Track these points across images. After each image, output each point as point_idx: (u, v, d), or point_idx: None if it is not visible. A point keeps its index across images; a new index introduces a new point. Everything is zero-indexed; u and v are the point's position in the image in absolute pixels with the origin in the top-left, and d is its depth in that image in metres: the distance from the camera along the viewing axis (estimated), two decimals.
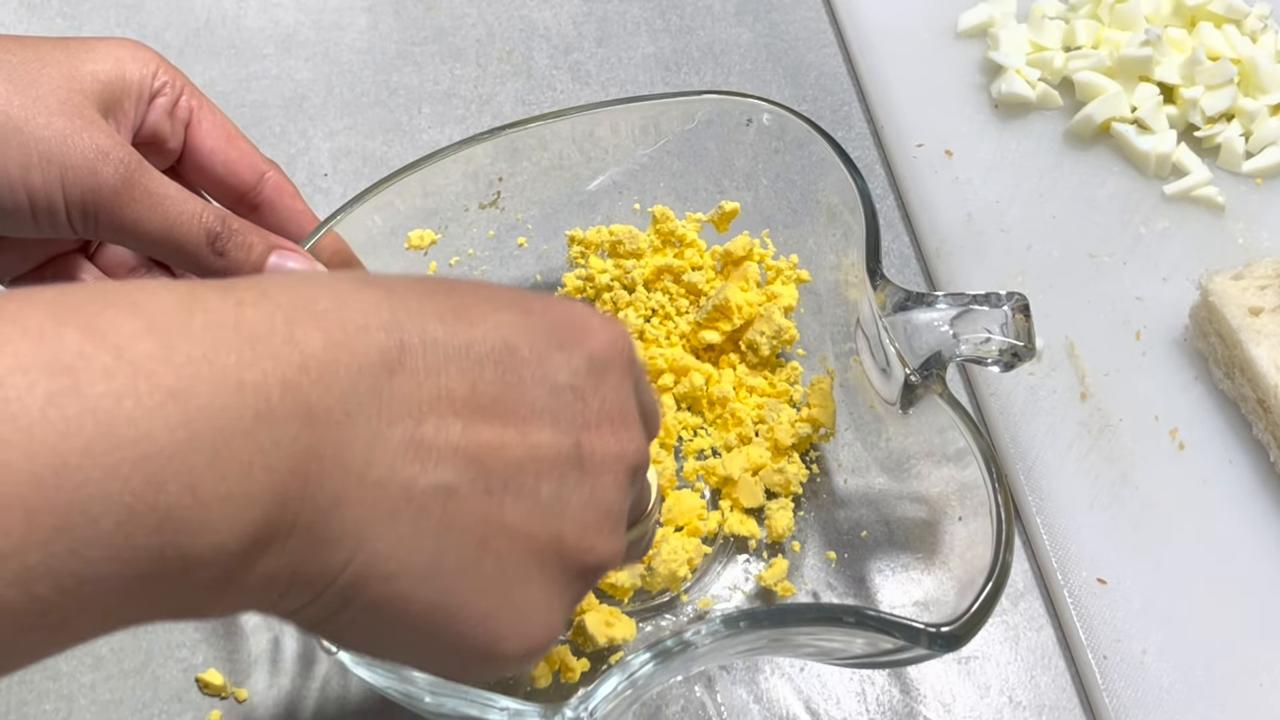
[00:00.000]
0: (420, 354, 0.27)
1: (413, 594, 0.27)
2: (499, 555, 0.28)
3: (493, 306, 0.30)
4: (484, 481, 0.28)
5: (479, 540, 0.28)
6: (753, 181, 0.56)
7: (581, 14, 0.75)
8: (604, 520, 0.31)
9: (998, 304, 0.45)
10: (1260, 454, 0.55)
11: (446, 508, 0.27)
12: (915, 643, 0.37)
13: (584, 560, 0.30)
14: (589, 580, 0.31)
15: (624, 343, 0.32)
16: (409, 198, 0.52)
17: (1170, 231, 0.63)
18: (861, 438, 0.52)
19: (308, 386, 0.25)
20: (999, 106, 0.68)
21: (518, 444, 0.29)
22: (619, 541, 0.31)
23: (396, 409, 0.27)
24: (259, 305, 0.25)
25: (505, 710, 0.37)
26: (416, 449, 0.27)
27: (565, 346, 0.30)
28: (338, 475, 0.26)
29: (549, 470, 0.29)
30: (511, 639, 0.29)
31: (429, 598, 0.28)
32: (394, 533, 0.27)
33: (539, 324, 0.30)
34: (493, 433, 0.28)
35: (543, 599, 0.30)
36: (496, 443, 0.28)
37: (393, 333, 0.27)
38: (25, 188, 0.41)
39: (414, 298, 0.29)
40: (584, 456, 0.30)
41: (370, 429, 0.26)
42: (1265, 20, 0.68)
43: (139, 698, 0.49)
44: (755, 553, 0.52)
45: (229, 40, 0.72)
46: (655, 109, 0.54)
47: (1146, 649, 0.50)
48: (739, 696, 0.49)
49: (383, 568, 0.27)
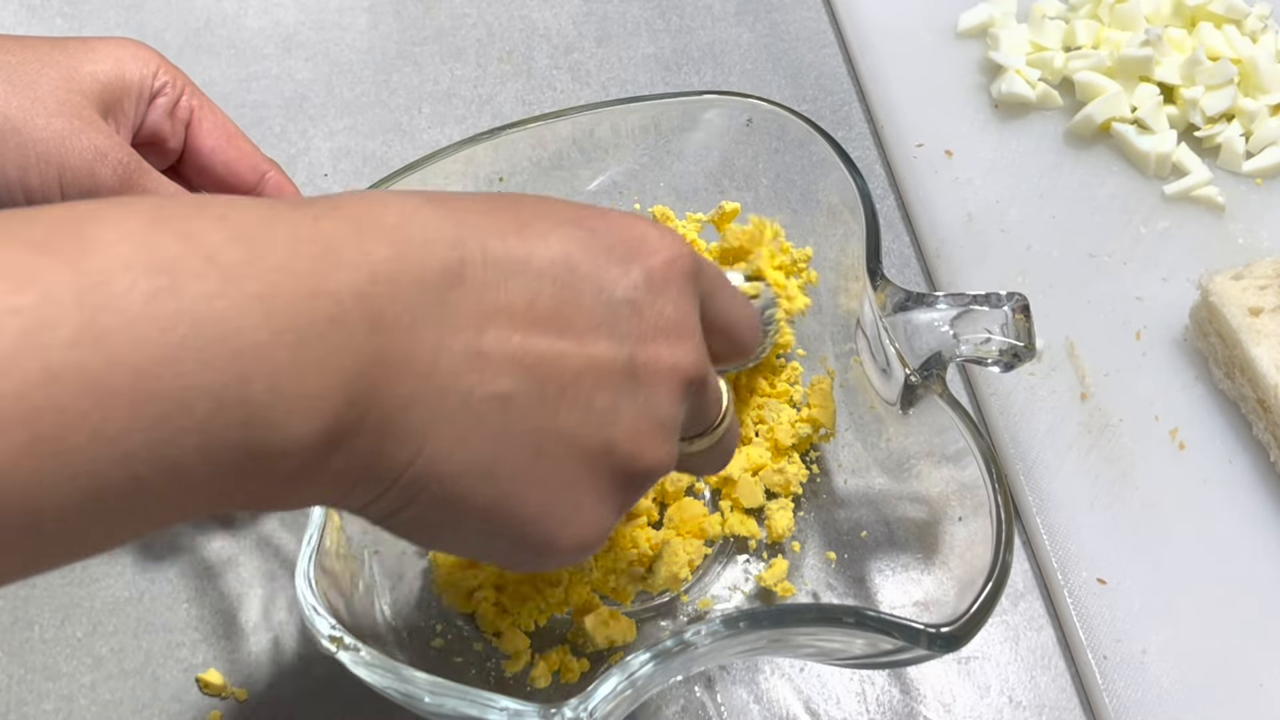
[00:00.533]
0: (481, 268, 0.29)
1: (472, 493, 0.29)
2: (553, 460, 0.30)
3: (554, 223, 0.31)
4: (539, 390, 0.30)
5: (535, 445, 0.30)
6: (753, 181, 0.55)
7: (581, 14, 0.75)
8: (655, 430, 0.32)
9: (998, 304, 0.45)
10: (1260, 454, 0.55)
11: (504, 414, 0.29)
12: (915, 643, 0.37)
13: (634, 466, 0.32)
14: (639, 486, 0.33)
15: (684, 258, 0.33)
16: None
17: (1170, 231, 0.63)
18: (861, 438, 0.52)
19: (376, 295, 0.27)
20: (999, 106, 0.68)
21: (573, 355, 0.30)
22: (669, 450, 0.33)
23: (458, 320, 0.28)
24: (333, 218, 0.27)
25: (505, 710, 0.37)
26: (476, 358, 0.29)
27: (624, 261, 0.31)
28: (403, 379, 0.27)
29: (603, 380, 0.30)
30: (563, 536, 0.32)
31: (487, 496, 0.30)
32: (454, 436, 0.28)
33: (599, 240, 0.31)
34: (549, 344, 0.30)
35: (593, 501, 0.32)
36: (553, 354, 0.30)
37: (455, 248, 0.29)
38: (23, 189, 0.41)
39: (478, 215, 0.30)
40: (638, 368, 0.31)
41: (434, 337, 0.28)
42: (1265, 20, 0.68)
43: (139, 698, 0.49)
44: (755, 553, 0.52)
45: (229, 40, 0.72)
46: (655, 109, 0.54)
47: (1146, 649, 0.50)
48: (739, 696, 0.49)
49: (443, 467, 0.29)
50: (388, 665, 0.38)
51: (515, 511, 0.30)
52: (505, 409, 0.29)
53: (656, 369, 0.32)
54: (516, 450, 0.30)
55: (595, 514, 0.32)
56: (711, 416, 0.37)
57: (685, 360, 0.32)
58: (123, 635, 0.50)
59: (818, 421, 0.53)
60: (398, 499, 0.29)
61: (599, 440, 0.31)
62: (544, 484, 0.31)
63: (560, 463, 0.31)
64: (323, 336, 0.26)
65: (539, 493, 0.31)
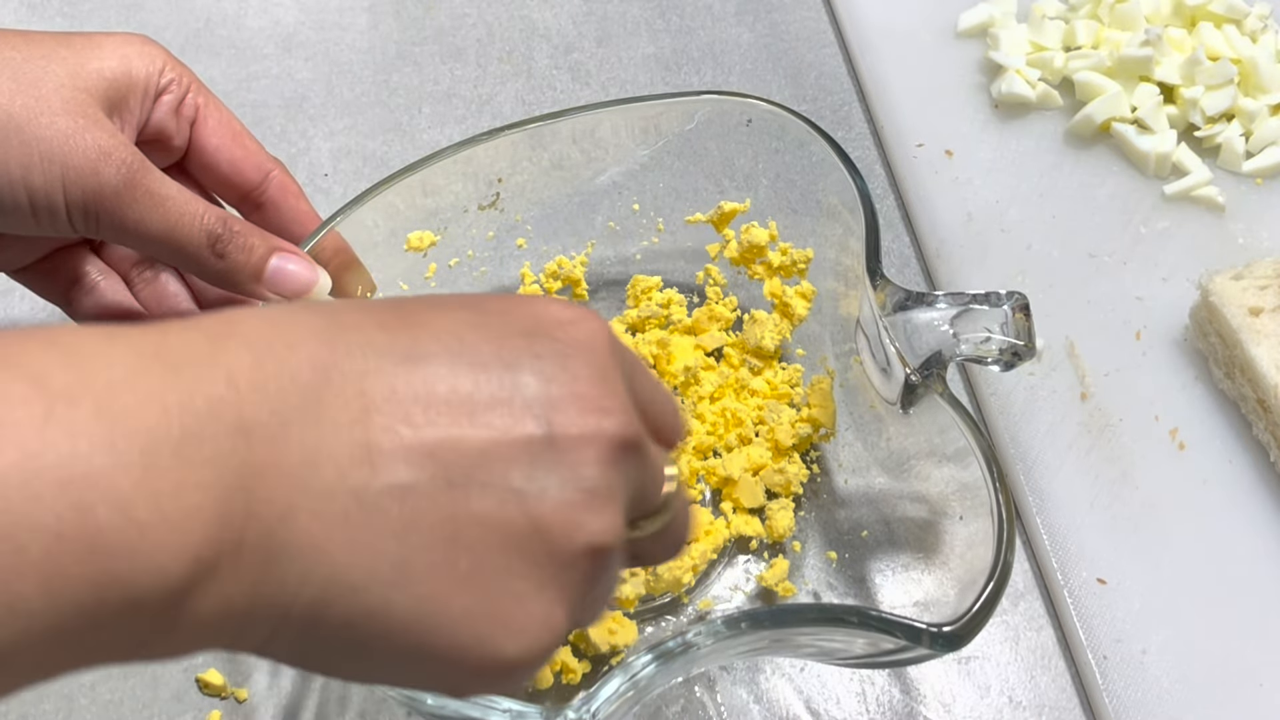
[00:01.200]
0: (360, 358, 0.26)
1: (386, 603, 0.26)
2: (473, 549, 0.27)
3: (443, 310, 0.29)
4: (445, 475, 0.26)
5: (448, 537, 0.26)
6: (753, 181, 0.55)
7: (581, 14, 0.75)
8: (589, 498, 0.28)
9: (998, 303, 0.45)
10: (1260, 454, 0.55)
11: (404, 507, 0.26)
12: (916, 643, 0.37)
13: (573, 542, 0.28)
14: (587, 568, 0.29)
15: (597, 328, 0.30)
16: (409, 198, 0.51)
17: (1170, 231, 0.63)
18: (862, 438, 0.52)
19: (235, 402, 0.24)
20: (999, 106, 0.68)
21: (476, 435, 0.27)
22: (611, 520, 0.29)
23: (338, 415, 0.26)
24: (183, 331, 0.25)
25: (507, 712, 0.37)
26: (365, 451, 0.26)
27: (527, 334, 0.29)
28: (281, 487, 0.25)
29: (518, 455, 0.27)
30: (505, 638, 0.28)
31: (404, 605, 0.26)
32: (351, 540, 0.25)
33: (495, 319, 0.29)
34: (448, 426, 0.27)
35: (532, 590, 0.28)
36: (453, 435, 0.27)
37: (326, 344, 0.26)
38: (26, 187, 0.41)
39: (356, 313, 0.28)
40: (556, 436, 0.28)
41: (311, 436, 0.25)
42: (1265, 20, 0.68)
43: (139, 698, 0.49)
44: (756, 553, 0.52)
45: (229, 40, 0.72)
46: (655, 109, 0.54)
47: (1146, 649, 0.50)
48: (739, 697, 0.49)
49: (346, 579, 0.25)
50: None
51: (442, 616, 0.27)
52: (407, 501, 0.26)
53: (580, 435, 0.28)
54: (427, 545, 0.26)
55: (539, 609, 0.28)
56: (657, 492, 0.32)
57: (608, 422, 0.29)
58: None
59: (818, 421, 0.53)
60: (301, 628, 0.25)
61: (524, 519, 0.27)
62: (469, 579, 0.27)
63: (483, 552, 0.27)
64: (176, 452, 0.23)
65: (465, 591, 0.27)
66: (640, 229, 0.58)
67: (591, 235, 0.57)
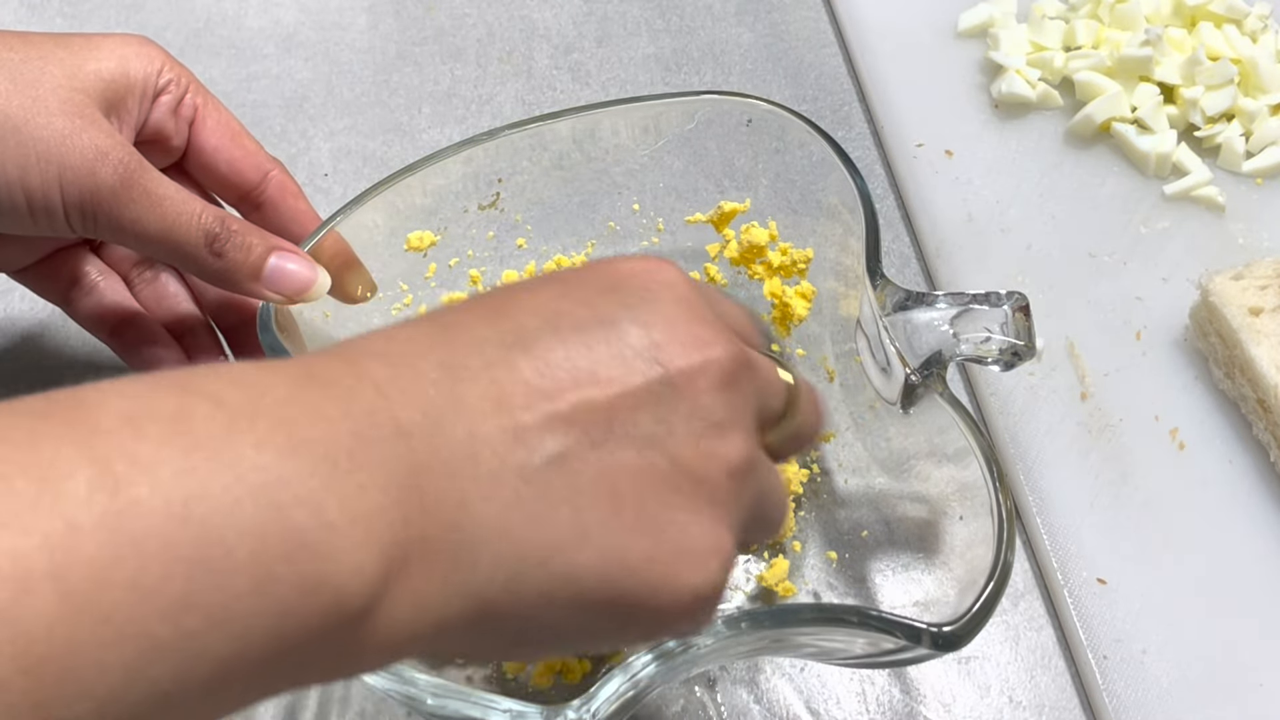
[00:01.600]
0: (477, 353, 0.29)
1: (574, 565, 0.28)
2: (632, 497, 0.29)
3: (529, 292, 0.31)
4: (587, 437, 0.28)
5: (609, 491, 0.29)
6: (753, 181, 0.55)
7: (581, 14, 0.75)
8: (715, 427, 0.30)
9: (998, 303, 0.45)
10: (1260, 454, 0.55)
11: (565, 474, 0.28)
12: (917, 643, 0.37)
13: (714, 467, 0.30)
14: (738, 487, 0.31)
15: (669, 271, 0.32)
16: (409, 198, 0.51)
17: (1170, 231, 0.63)
18: (862, 438, 0.52)
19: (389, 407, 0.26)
20: (999, 106, 0.68)
21: (599, 393, 0.29)
22: (741, 440, 0.31)
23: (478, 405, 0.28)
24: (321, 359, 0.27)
25: (508, 712, 0.37)
26: (514, 433, 0.28)
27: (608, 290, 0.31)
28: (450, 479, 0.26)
29: (640, 402, 0.29)
30: (686, 569, 0.29)
31: (591, 562, 0.28)
32: (530, 516, 0.27)
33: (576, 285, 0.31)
34: (575, 392, 0.29)
35: (695, 520, 0.30)
36: (582, 399, 0.29)
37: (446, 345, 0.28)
38: (23, 188, 0.41)
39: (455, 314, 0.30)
40: (669, 376, 0.30)
41: (463, 429, 0.27)
42: (1265, 20, 0.68)
43: None
44: (755, 553, 0.52)
45: (229, 40, 0.72)
46: (655, 109, 0.54)
47: (1146, 649, 0.50)
48: (740, 697, 0.49)
49: (535, 553, 0.27)
50: (390, 668, 0.38)
51: (626, 563, 0.29)
52: (565, 468, 0.28)
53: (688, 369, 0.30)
54: (594, 503, 0.28)
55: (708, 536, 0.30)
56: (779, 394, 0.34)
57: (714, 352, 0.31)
58: None
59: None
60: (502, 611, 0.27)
61: (665, 458, 0.30)
62: (638, 524, 0.29)
63: (641, 497, 0.29)
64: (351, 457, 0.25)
65: (639, 536, 0.29)
66: (640, 229, 0.58)
67: (591, 235, 0.57)
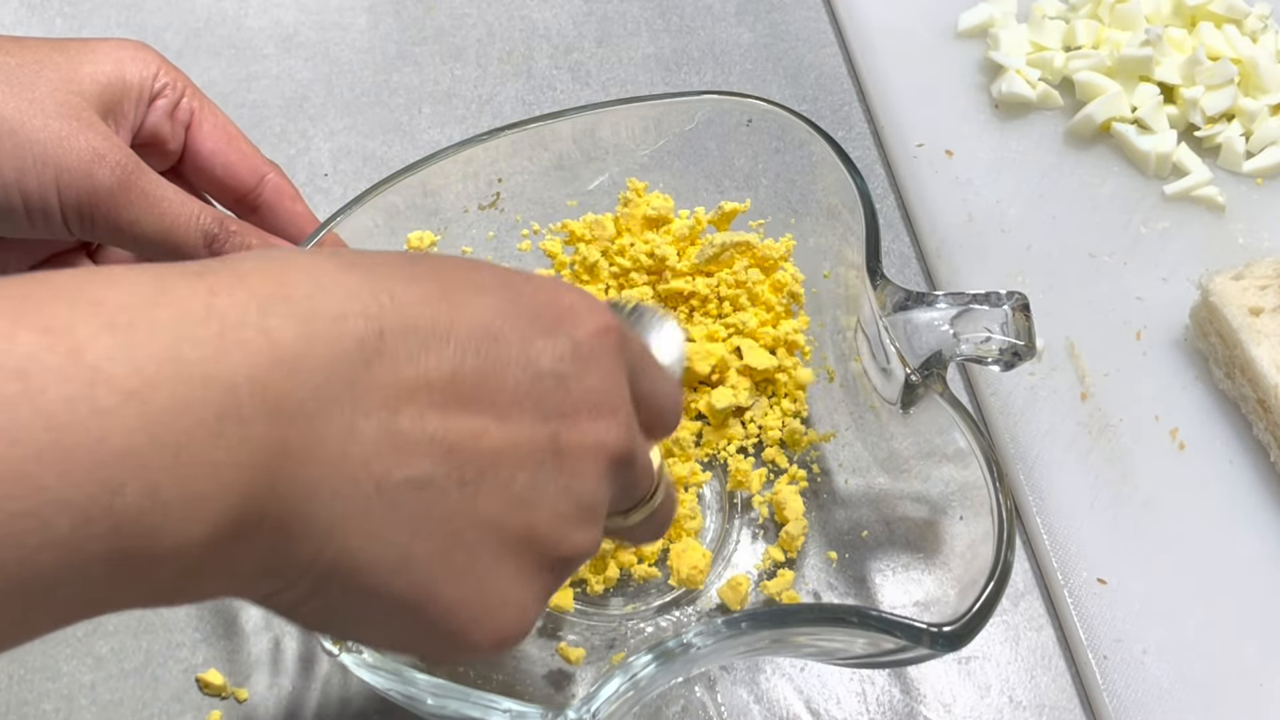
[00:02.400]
0: (400, 341, 0.27)
1: (384, 585, 0.27)
2: (470, 546, 0.28)
3: (476, 290, 0.29)
4: (458, 473, 0.28)
5: (451, 532, 0.28)
6: (753, 181, 0.55)
7: (581, 14, 0.75)
8: (579, 512, 0.30)
9: (998, 303, 0.45)
10: (1260, 454, 0.55)
11: (419, 500, 0.27)
12: (917, 643, 0.37)
13: (558, 551, 0.30)
14: (562, 571, 0.31)
15: (613, 329, 0.31)
16: (409, 198, 0.51)
17: (1170, 231, 0.63)
18: (862, 437, 0.52)
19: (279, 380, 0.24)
20: (999, 106, 0.68)
21: (495, 434, 0.28)
22: (593, 535, 0.31)
23: (372, 400, 0.26)
24: (232, 293, 0.25)
25: (508, 712, 0.37)
26: (392, 441, 0.26)
27: (550, 332, 0.30)
28: (309, 469, 0.25)
29: (525, 461, 0.29)
30: (484, 628, 0.29)
31: (399, 588, 0.28)
32: (365, 526, 0.26)
33: (524, 309, 0.30)
34: (470, 423, 0.28)
35: (513, 589, 0.30)
36: (474, 433, 0.28)
37: (372, 320, 0.26)
38: (20, 190, 0.41)
39: (399, 282, 0.28)
40: (561, 447, 0.29)
41: (344, 421, 0.26)
42: (1265, 20, 0.68)
43: (139, 698, 0.49)
44: (762, 526, 0.52)
45: (229, 40, 0.72)
46: (655, 109, 0.54)
47: (1146, 649, 0.50)
48: (740, 697, 0.49)
49: (353, 561, 0.27)
50: (390, 667, 0.38)
51: (432, 603, 0.28)
52: (421, 494, 0.27)
53: (581, 448, 0.30)
54: (432, 539, 0.28)
55: (517, 603, 0.30)
56: (643, 489, 0.35)
57: (610, 437, 0.30)
58: (123, 635, 0.50)
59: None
60: (304, 592, 0.27)
61: (520, 524, 0.29)
62: (461, 572, 0.28)
63: (478, 549, 0.29)
64: (213, 432, 0.23)
65: (456, 582, 0.28)
66: None
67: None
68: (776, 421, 0.54)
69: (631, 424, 0.32)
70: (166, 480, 0.23)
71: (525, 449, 0.29)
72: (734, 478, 0.52)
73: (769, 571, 0.51)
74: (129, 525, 0.22)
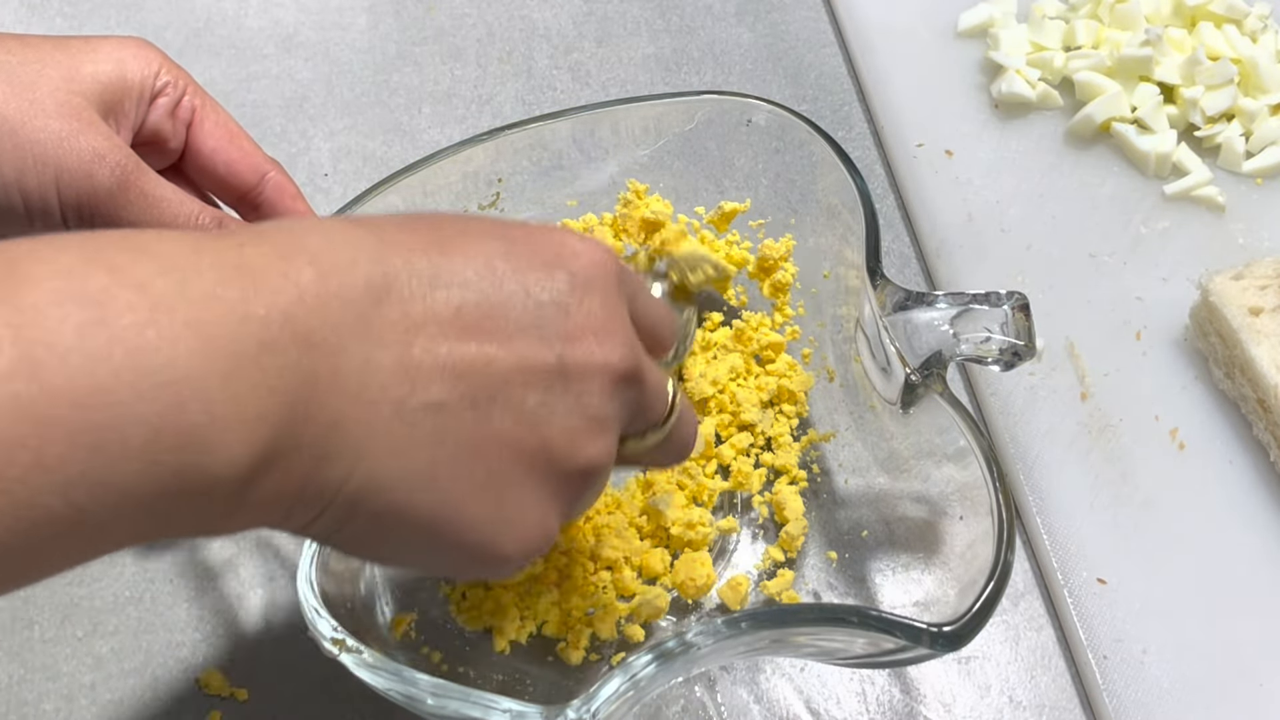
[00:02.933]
0: (406, 282, 0.30)
1: (411, 502, 0.30)
2: (491, 463, 0.31)
3: (475, 236, 0.32)
4: (471, 396, 0.30)
5: (471, 450, 0.30)
6: (753, 181, 0.56)
7: (581, 14, 0.75)
8: (589, 425, 0.32)
9: (998, 303, 0.45)
10: (1260, 454, 0.55)
11: (437, 422, 0.30)
12: (917, 642, 0.37)
13: (573, 462, 0.32)
14: (579, 484, 0.33)
15: (608, 260, 0.33)
16: (409, 198, 0.52)
17: (1170, 231, 0.63)
18: (862, 437, 0.52)
19: (304, 316, 0.27)
20: (999, 106, 0.68)
21: (502, 358, 0.30)
22: (605, 446, 0.33)
23: (386, 334, 0.29)
24: (256, 245, 0.28)
25: (508, 712, 0.37)
26: (405, 370, 0.29)
27: (548, 266, 0.32)
28: (335, 397, 0.28)
29: (534, 380, 0.31)
30: (508, 539, 0.32)
31: (427, 505, 0.30)
32: (388, 448, 0.29)
33: (521, 249, 0.32)
34: (478, 350, 0.30)
35: (534, 501, 0.32)
36: (482, 359, 0.30)
37: (379, 263, 0.29)
38: (20, 190, 0.41)
39: (401, 233, 0.31)
40: (567, 366, 0.31)
41: (362, 353, 0.28)
42: (1265, 20, 0.68)
43: (139, 698, 0.49)
44: (762, 527, 0.52)
45: (229, 40, 0.72)
46: (655, 109, 0.54)
47: (1146, 649, 0.50)
48: (740, 697, 0.49)
49: (381, 480, 0.29)
50: (390, 667, 0.38)
51: (457, 518, 0.31)
52: (438, 417, 0.30)
53: (587, 366, 0.32)
54: (453, 457, 0.30)
55: (538, 515, 0.32)
56: (658, 410, 0.36)
57: (615, 355, 0.32)
58: (123, 635, 0.50)
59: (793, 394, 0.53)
60: (338, 515, 0.29)
61: (534, 440, 0.31)
62: (484, 488, 0.31)
63: (498, 465, 0.31)
64: (255, 361, 0.26)
65: (479, 497, 0.31)
66: None
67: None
68: (785, 429, 0.54)
69: (633, 344, 0.34)
70: (220, 401, 0.26)
71: (533, 370, 0.31)
72: (734, 478, 0.52)
73: (769, 571, 0.51)
74: (193, 441, 0.25)
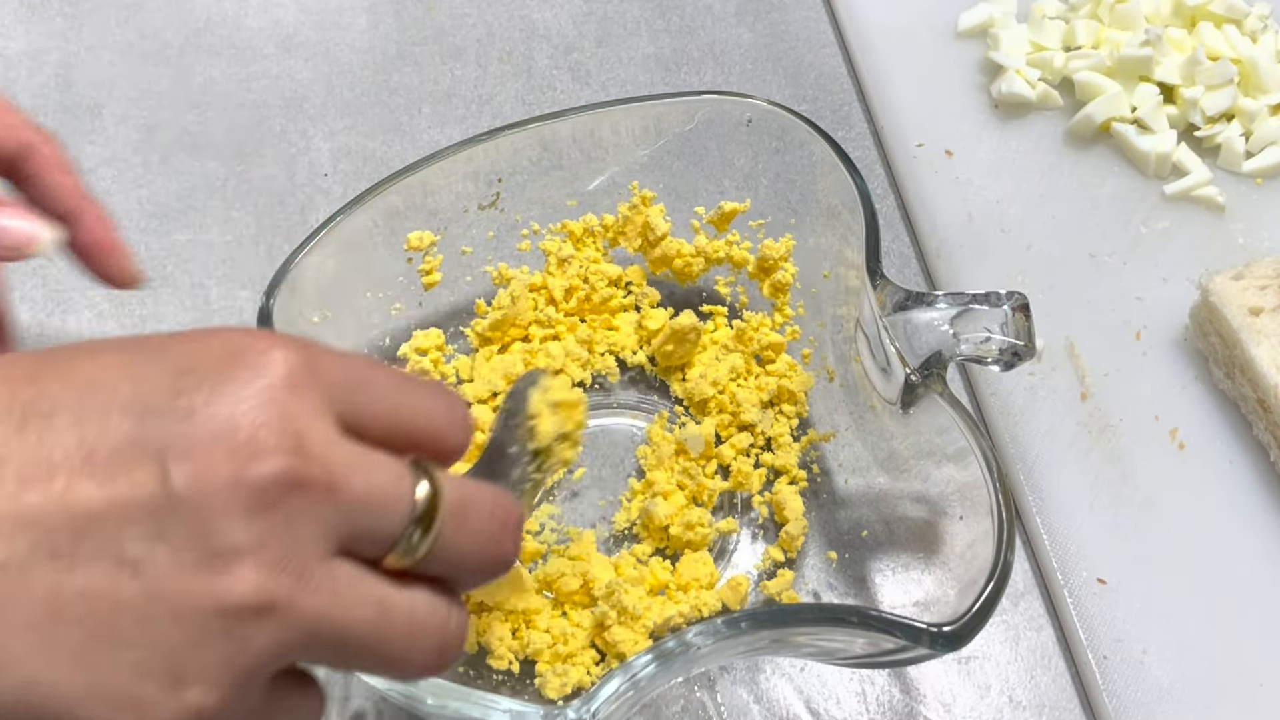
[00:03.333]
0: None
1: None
2: (82, 625, 0.25)
3: (93, 354, 0.27)
4: (47, 545, 0.25)
5: (50, 614, 0.25)
6: (753, 181, 0.56)
7: (581, 14, 0.75)
8: (212, 556, 0.26)
9: (998, 303, 0.45)
10: (1260, 454, 0.55)
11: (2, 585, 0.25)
12: (917, 642, 0.37)
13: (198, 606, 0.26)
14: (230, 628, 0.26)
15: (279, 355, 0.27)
16: (409, 198, 0.52)
17: (1170, 231, 0.63)
18: (862, 437, 0.52)
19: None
20: (999, 106, 0.68)
21: (90, 493, 0.25)
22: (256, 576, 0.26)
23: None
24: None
25: (508, 712, 0.37)
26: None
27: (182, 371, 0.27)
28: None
29: (133, 515, 0.25)
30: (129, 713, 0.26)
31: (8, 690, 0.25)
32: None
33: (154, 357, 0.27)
34: (57, 488, 0.25)
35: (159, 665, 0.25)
36: (60, 498, 0.25)
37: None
38: None
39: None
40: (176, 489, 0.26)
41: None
42: (1265, 20, 0.68)
43: None
44: (762, 527, 0.52)
45: (229, 40, 0.72)
46: (655, 109, 0.54)
47: (1146, 649, 0.50)
48: (739, 697, 0.49)
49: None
50: None
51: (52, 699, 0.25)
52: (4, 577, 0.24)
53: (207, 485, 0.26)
54: (29, 625, 0.25)
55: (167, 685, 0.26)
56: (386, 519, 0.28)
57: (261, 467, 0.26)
58: None
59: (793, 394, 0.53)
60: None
61: (135, 587, 0.25)
62: (80, 657, 0.25)
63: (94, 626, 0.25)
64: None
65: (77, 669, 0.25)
66: None
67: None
68: (785, 429, 0.54)
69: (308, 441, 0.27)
70: None
71: (129, 502, 0.25)
72: (734, 478, 0.52)
73: (769, 571, 0.51)
74: None
